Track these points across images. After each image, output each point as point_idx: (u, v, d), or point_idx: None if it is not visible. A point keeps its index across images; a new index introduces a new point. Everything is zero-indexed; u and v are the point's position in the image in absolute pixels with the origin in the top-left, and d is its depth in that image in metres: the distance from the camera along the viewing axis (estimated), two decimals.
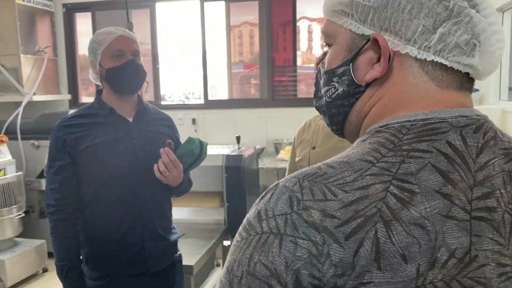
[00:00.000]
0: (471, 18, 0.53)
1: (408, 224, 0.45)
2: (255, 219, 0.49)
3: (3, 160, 3.59)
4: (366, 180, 0.47)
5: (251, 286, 0.46)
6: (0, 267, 3.40)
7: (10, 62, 4.21)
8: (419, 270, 0.44)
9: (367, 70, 0.57)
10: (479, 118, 0.54)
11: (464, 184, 0.48)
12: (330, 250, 0.44)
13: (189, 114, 4.50)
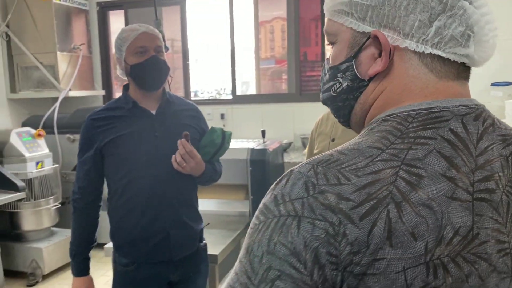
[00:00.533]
0: (464, 11, 0.55)
1: (417, 205, 0.49)
2: (272, 203, 0.52)
3: (41, 153, 3.77)
4: (377, 166, 0.51)
5: (271, 265, 0.49)
6: (38, 255, 3.58)
7: (47, 59, 4.39)
8: (427, 247, 0.48)
9: (369, 65, 0.60)
10: (478, 107, 0.57)
11: (466, 168, 0.52)
12: (346, 230, 0.48)
13: (218, 109, 4.57)
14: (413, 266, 0.47)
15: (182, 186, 1.74)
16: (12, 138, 3.64)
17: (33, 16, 4.35)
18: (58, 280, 3.67)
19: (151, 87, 1.69)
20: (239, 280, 0.51)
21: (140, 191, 1.67)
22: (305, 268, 0.48)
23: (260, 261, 0.50)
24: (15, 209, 3.63)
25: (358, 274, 0.47)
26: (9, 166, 3.54)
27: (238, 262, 0.53)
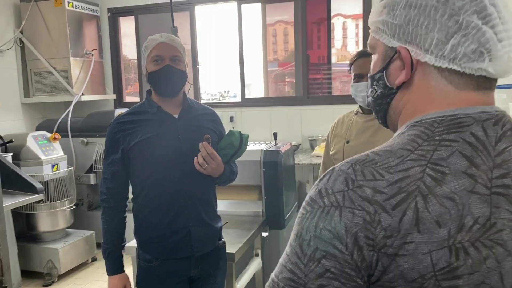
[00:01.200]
0: (478, 30, 0.63)
1: (441, 198, 0.57)
2: (317, 196, 0.62)
3: (57, 156, 3.86)
4: (407, 164, 0.60)
5: (318, 247, 0.58)
6: (54, 255, 3.67)
7: (60, 64, 4.49)
8: (450, 233, 0.56)
9: (396, 76, 0.70)
10: (498, 113, 0.65)
11: (485, 166, 0.60)
12: (381, 218, 0.57)
13: (227, 112, 4.66)
14: (437, 249, 0.56)
15: (202, 186, 1.83)
16: (29, 142, 3.74)
17: (46, 22, 4.46)
18: (74, 280, 3.77)
19: (165, 93, 1.79)
20: (290, 260, 0.61)
21: (164, 190, 1.76)
22: (346, 249, 0.57)
23: (308, 244, 0.59)
24: (32, 211, 3.73)
25: (391, 254, 0.56)
26: (26, 168, 3.63)
27: (289, 246, 0.62)
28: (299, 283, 0.59)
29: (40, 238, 3.85)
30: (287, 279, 0.60)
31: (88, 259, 4.04)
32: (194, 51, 4.81)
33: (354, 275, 0.57)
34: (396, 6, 0.68)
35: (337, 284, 0.57)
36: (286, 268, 0.61)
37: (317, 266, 0.58)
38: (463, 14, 0.63)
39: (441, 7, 0.64)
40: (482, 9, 0.63)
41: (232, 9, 4.63)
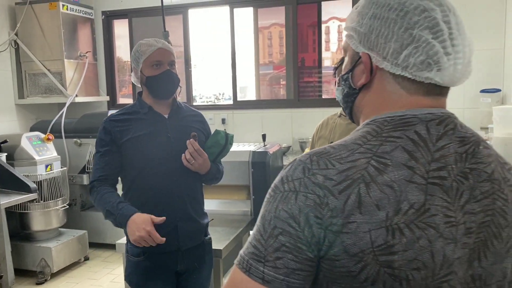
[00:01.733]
0: (427, 44, 0.72)
1: (381, 185, 0.66)
2: (280, 182, 0.71)
3: (50, 157, 3.93)
4: (355, 156, 0.69)
5: (276, 225, 0.67)
6: (47, 254, 3.73)
7: (54, 66, 4.56)
8: (388, 215, 0.65)
9: (359, 78, 0.79)
10: (443, 115, 0.74)
11: (424, 160, 0.68)
12: (329, 201, 0.66)
13: (219, 114, 4.74)
14: (376, 229, 0.64)
15: (190, 183, 1.93)
16: (23, 142, 3.80)
17: (41, 25, 4.52)
18: (66, 278, 3.82)
19: (164, 96, 1.90)
20: (254, 238, 0.70)
21: (153, 186, 1.85)
22: (299, 226, 0.66)
23: (269, 223, 0.69)
24: (25, 210, 3.78)
25: (336, 231, 0.65)
26: (20, 168, 3.69)
27: (255, 226, 0.72)
28: (260, 256, 0.68)
29: (33, 237, 3.91)
30: (251, 253, 0.69)
31: (81, 258, 4.10)
32: (187, 54, 4.89)
33: (305, 249, 0.66)
34: (364, 16, 0.77)
35: (291, 257, 0.66)
36: (251, 244, 0.70)
37: (275, 241, 0.67)
38: (417, 29, 0.71)
39: (399, 20, 0.73)
40: (434, 25, 0.72)
41: (226, 13, 4.71)
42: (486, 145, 0.75)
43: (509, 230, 0.72)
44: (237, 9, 4.69)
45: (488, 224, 0.70)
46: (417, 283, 0.65)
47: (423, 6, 0.72)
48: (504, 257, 0.72)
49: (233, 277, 0.71)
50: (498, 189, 0.72)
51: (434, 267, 0.65)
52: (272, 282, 0.66)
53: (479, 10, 3.88)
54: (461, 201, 0.68)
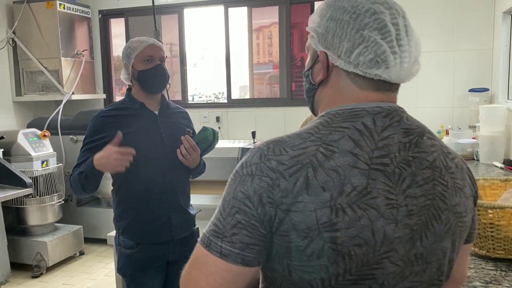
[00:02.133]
0: (376, 43, 0.78)
1: (327, 170, 0.72)
2: (240, 167, 0.78)
3: (46, 153, 4.00)
4: (306, 144, 0.76)
5: (234, 205, 0.74)
6: (43, 248, 3.81)
7: (51, 64, 4.63)
8: (332, 196, 0.71)
9: (318, 75, 0.86)
10: (390, 108, 0.81)
11: (368, 148, 0.75)
12: (280, 183, 0.72)
13: (214, 112, 4.81)
14: (321, 208, 0.71)
15: (180, 177, 2.01)
16: (20, 138, 3.87)
17: (38, 23, 4.60)
18: (61, 272, 3.90)
19: (156, 90, 1.97)
20: (215, 217, 0.78)
21: (147, 180, 1.92)
22: (253, 206, 0.73)
23: (228, 203, 0.76)
24: (21, 205, 3.86)
25: (285, 210, 0.72)
26: (16, 164, 3.76)
27: (218, 207, 0.79)
28: (219, 232, 0.75)
29: (29, 232, 3.98)
30: (211, 230, 0.76)
31: (76, 252, 4.18)
32: (182, 52, 4.97)
33: (258, 225, 0.73)
34: (323, 18, 0.84)
35: (246, 233, 0.73)
36: (212, 223, 0.78)
37: (232, 219, 0.74)
38: (367, 30, 0.78)
39: (352, 22, 0.79)
40: (382, 27, 0.78)
41: (220, 12, 4.78)
42: (430, 136, 0.82)
43: (448, 213, 0.79)
44: (231, 8, 4.76)
45: (428, 207, 0.77)
46: (359, 258, 0.72)
47: (373, 9, 0.79)
48: (444, 237, 0.78)
49: (196, 253, 0.78)
50: (439, 175, 0.79)
51: (375, 244, 0.72)
52: (228, 256, 0.73)
53: (468, 11, 3.95)
54: (403, 186, 0.75)
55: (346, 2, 0.81)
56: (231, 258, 0.73)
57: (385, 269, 0.74)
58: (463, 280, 0.99)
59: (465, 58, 4.00)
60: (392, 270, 0.74)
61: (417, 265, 0.77)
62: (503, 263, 1.38)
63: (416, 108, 4.14)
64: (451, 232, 0.80)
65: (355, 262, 0.72)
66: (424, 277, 0.78)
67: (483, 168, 2.96)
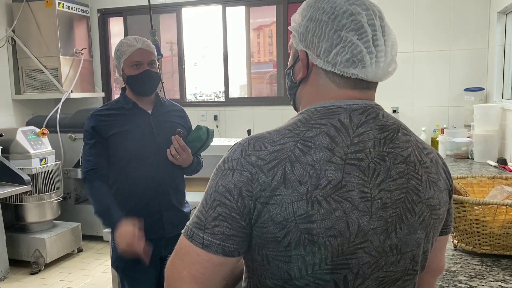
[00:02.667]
0: (352, 44, 0.81)
1: (304, 164, 0.76)
2: (222, 162, 0.81)
3: (45, 151, 4.03)
4: (285, 140, 0.79)
5: (215, 198, 0.77)
6: (41, 245, 3.84)
7: (50, 63, 4.66)
8: (308, 190, 0.74)
9: (299, 73, 0.89)
10: (366, 105, 0.83)
11: (343, 144, 0.78)
12: (259, 177, 0.76)
13: (211, 111, 4.84)
14: (298, 201, 0.74)
15: (173, 175, 2.03)
16: (18, 136, 3.90)
17: (37, 22, 4.63)
18: (60, 269, 3.93)
19: (144, 94, 2.00)
20: (198, 210, 0.81)
21: (139, 178, 1.95)
22: (233, 199, 0.76)
23: (210, 196, 0.79)
24: (20, 202, 3.89)
25: (263, 203, 0.75)
26: (15, 162, 3.80)
27: (201, 200, 0.82)
28: (201, 224, 0.78)
29: (28, 229, 4.01)
30: (194, 222, 0.80)
31: (74, 249, 4.21)
32: (181, 51, 4.99)
33: (238, 218, 0.76)
34: (304, 18, 0.87)
35: (226, 224, 0.76)
36: (195, 215, 0.81)
37: (214, 211, 0.77)
38: (344, 30, 0.81)
39: (330, 23, 0.82)
40: (359, 28, 0.81)
41: (218, 11, 4.81)
42: (405, 132, 0.85)
43: (421, 206, 0.82)
44: (229, 7, 4.78)
45: (403, 200, 0.80)
46: (334, 248, 0.75)
47: (351, 11, 0.82)
48: (417, 229, 0.82)
49: (179, 243, 0.81)
50: (413, 170, 0.82)
51: (350, 235, 0.75)
52: (210, 246, 0.77)
53: (463, 11, 3.98)
54: (378, 180, 0.78)
55: (325, 3, 0.84)
56: (212, 249, 0.77)
57: (359, 259, 0.77)
58: (441, 271, 1.02)
59: (460, 57, 4.03)
60: (367, 260, 0.77)
61: (392, 256, 0.80)
62: (489, 259, 1.42)
63: (412, 107, 4.17)
64: (425, 224, 0.83)
65: (330, 252, 0.75)
66: (399, 267, 0.81)
67: (477, 166, 2.99)
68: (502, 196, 1.50)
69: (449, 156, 3.44)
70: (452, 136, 3.46)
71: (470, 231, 1.43)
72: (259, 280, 0.82)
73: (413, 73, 4.14)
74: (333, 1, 0.84)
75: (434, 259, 0.93)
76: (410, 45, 4.12)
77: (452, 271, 1.34)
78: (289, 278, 0.77)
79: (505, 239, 1.38)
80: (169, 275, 0.82)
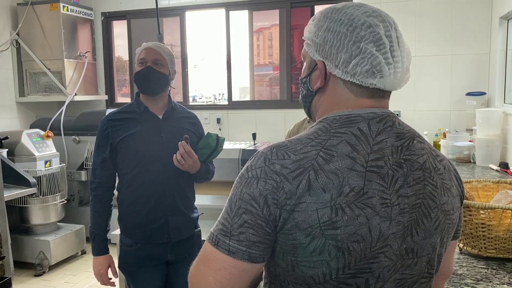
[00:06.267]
0: (372, 55, 0.84)
1: (327, 172, 0.78)
2: (245, 171, 0.82)
3: (49, 153, 4.06)
4: (307, 149, 0.81)
5: (241, 205, 0.79)
6: (46, 247, 3.86)
7: (54, 66, 4.69)
8: (332, 197, 0.77)
9: (316, 82, 0.91)
10: (383, 114, 0.86)
11: (364, 152, 0.81)
12: (284, 185, 0.77)
13: (215, 114, 4.87)
14: (322, 208, 0.76)
15: (180, 181, 2.04)
16: (23, 139, 3.93)
17: (42, 25, 4.66)
18: (64, 271, 3.95)
19: (146, 91, 2.01)
20: (223, 217, 0.83)
21: (145, 183, 1.97)
22: (259, 206, 0.78)
23: (235, 204, 0.80)
24: (25, 204, 3.91)
25: (289, 210, 0.77)
26: (20, 164, 3.82)
27: (224, 207, 0.84)
28: (227, 231, 0.80)
29: (32, 231, 4.04)
30: (219, 229, 0.81)
31: (78, 251, 4.23)
32: (184, 54, 5.03)
33: (264, 225, 0.78)
34: (320, 29, 0.89)
35: (252, 231, 0.78)
36: (220, 222, 0.83)
37: (239, 219, 0.79)
38: (363, 42, 0.84)
39: (349, 34, 0.85)
40: (377, 39, 0.84)
41: (222, 14, 4.84)
42: (420, 140, 0.88)
43: (437, 211, 0.85)
44: (232, 11, 4.82)
45: (419, 206, 0.83)
46: (357, 253, 0.78)
47: (369, 23, 0.85)
48: (433, 233, 0.85)
49: (204, 250, 0.82)
50: (429, 176, 0.85)
51: (371, 240, 0.78)
52: (236, 253, 0.78)
53: (465, 16, 4.01)
54: (396, 186, 0.81)
55: (342, 15, 0.86)
56: (238, 255, 0.78)
57: (380, 263, 0.80)
58: (450, 275, 1.05)
59: (462, 62, 4.06)
60: (387, 264, 0.80)
61: (408, 259, 0.82)
62: (494, 262, 1.44)
63: (414, 111, 4.20)
64: (440, 229, 0.86)
65: (353, 257, 0.77)
66: (415, 270, 0.84)
67: (479, 170, 3.02)
68: (506, 201, 1.53)
69: (451, 160, 3.47)
70: (454, 140, 3.48)
71: (476, 235, 1.45)
72: (281, 286, 0.85)
73: (415, 77, 4.17)
74: (350, 12, 0.86)
75: (444, 263, 0.96)
76: (412, 49, 4.12)
77: (458, 274, 1.36)
78: (313, 283, 0.80)
79: (511, 243, 1.41)
80: (193, 282, 0.83)
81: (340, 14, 0.87)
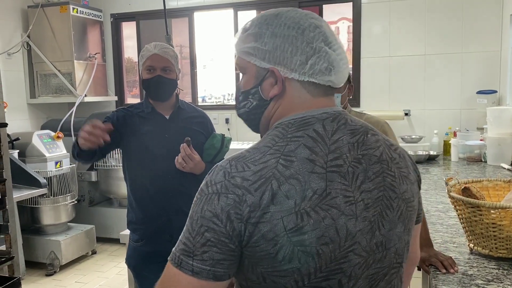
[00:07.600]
0: (326, 53, 0.85)
1: (289, 179, 0.77)
2: (204, 186, 0.80)
3: (60, 154, 4.09)
4: (266, 158, 0.79)
5: (202, 223, 0.76)
6: (57, 247, 3.89)
7: (65, 67, 4.73)
8: (296, 203, 0.76)
9: (269, 90, 0.89)
10: (335, 113, 0.87)
11: (322, 153, 0.80)
12: (246, 198, 0.75)
13: (223, 114, 4.87)
14: (287, 215, 0.75)
15: (183, 181, 2.04)
16: (34, 140, 3.97)
17: (52, 27, 4.70)
18: (74, 270, 3.99)
19: (156, 99, 2.04)
20: (184, 236, 0.80)
21: (149, 182, 1.99)
22: (221, 223, 0.76)
23: (196, 222, 0.78)
24: (36, 205, 3.95)
25: (254, 223, 0.75)
26: (31, 165, 3.86)
27: (185, 226, 0.82)
28: (189, 251, 0.77)
29: (43, 231, 4.08)
30: (181, 249, 0.78)
31: (88, 251, 4.26)
32: (193, 55, 5.04)
33: (227, 241, 0.76)
34: (263, 36, 0.87)
35: (215, 249, 0.76)
36: (181, 241, 0.79)
37: (202, 237, 0.76)
38: (315, 42, 0.85)
39: (299, 37, 0.85)
40: (326, 38, 0.86)
41: (230, 15, 4.85)
42: (373, 133, 0.89)
43: (398, 200, 0.86)
44: (241, 12, 4.82)
45: (381, 198, 0.83)
46: (327, 256, 0.77)
47: (314, 23, 0.86)
48: (397, 223, 0.86)
49: (167, 272, 0.80)
50: (387, 168, 0.86)
51: (340, 240, 0.77)
52: (200, 273, 0.76)
53: (476, 14, 3.97)
54: (358, 183, 0.81)
55: (285, 19, 0.86)
56: (203, 275, 0.76)
57: (351, 262, 0.79)
58: (418, 259, 1.08)
59: (473, 60, 4.02)
60: (358, 261, 0.80)
61: (378, 253, 0.83)
62: (506, 262, 1.42)
63: (424, 109, 4.17)
64: (403, 218, 0.87)
65: (324, 260, 0.77)
66: (385, 263, 0.85)
67: (491, 169, 2.99)
68: None
69: (462, 159, 3.44)
70: (464, 139, 3.45)
71: (486, 235, 1.44)
72: None
73: (425, 76, 4.14)
74: (291, 16, 0.87)
75: (411, 248, 0.97)
76: (422, 47, 4.12)
77: (468, 275, 1.35)
78: None
79: None
80: None
81: (282, 19, 0.87)
